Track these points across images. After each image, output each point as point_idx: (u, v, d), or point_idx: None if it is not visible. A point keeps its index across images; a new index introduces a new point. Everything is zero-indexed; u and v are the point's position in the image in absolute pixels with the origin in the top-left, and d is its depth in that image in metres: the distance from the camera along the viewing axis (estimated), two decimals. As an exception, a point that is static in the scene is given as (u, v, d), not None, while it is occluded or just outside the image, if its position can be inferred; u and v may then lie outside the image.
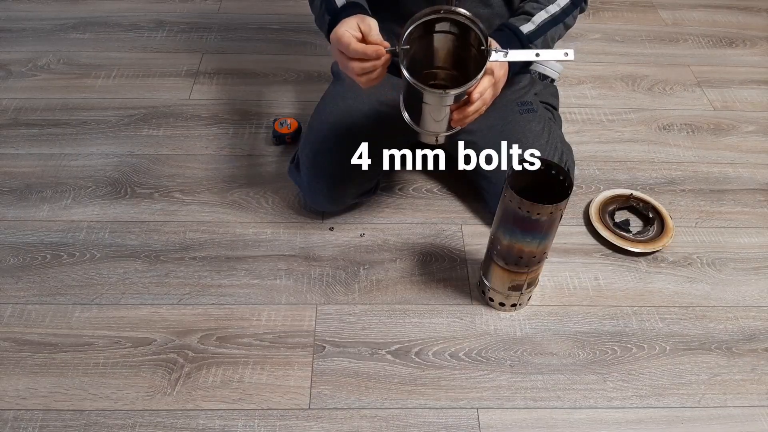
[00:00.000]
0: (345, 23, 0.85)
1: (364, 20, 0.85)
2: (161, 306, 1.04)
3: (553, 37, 1.04)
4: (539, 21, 1.02)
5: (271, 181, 1.26)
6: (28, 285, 1.06)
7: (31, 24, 1.68)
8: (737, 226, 1.23)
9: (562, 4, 1.04)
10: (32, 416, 0.90)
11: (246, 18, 1.75)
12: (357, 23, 0.84)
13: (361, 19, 0.85)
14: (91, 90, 1.48)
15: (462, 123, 0.87)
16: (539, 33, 1.01)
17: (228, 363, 0.97)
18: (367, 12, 0.92)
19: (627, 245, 1.15)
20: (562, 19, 1.04)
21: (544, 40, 1.03)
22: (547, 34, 1.02)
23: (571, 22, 1.06)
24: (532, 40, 1.01)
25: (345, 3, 0.93)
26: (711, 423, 0.93)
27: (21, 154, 1.31)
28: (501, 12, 1.05)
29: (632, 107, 1.51)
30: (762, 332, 1.05)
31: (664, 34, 1.78)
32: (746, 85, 1.59)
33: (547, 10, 1.03)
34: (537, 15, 1.02)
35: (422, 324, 1.04)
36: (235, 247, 1.14)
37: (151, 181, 1.26)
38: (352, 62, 0.83)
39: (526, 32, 1.00)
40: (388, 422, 0.91)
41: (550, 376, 0.98)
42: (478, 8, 1.03)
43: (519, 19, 1.02)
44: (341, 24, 0.85)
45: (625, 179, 1.32)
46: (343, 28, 0.83)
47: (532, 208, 0.85)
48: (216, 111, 1.43)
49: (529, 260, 0.94)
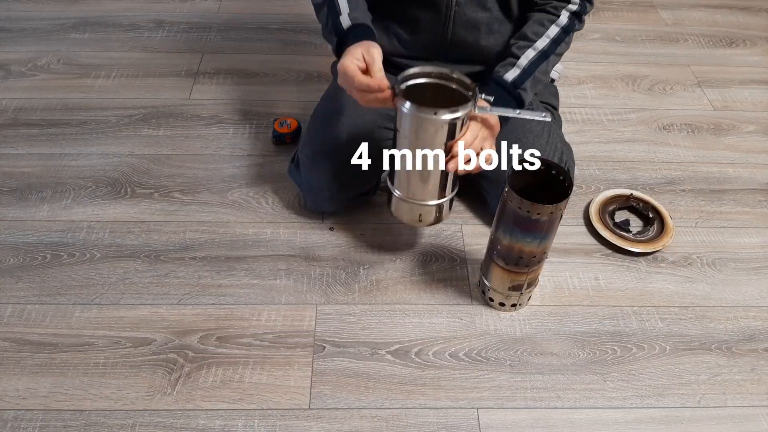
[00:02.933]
0: (350, 53, 0.89)
1: (369, 50, 0.89)
2: (161, 306, 1.04)
3: (545, 71, 1.04)
4: (525, 63, 1.02)
5: (271, 181, 1.26)
6: (28, 285, 1.06)
7: (31, 24, 1.68)
8: (737, 226, 1.23)
9: (552, 35, 1.03)
10: (32, 416, 0.90)
11: (246, 18, 1.75)
12: (362, 53, 0.89)
13: (366, 49, 0.89)
14: (91, 90, 1.48)
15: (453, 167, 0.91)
16: (526, 76, 1.02)
17: (228, 363, 0.97)
18: (371, 33, 0.96)
19: (627, 245, 1.15)
20: (553, 51, 1.03)
21: (533, 81, 1.03)
22: (535, 73, 1.02)
23: (564, 49, 1.06)
24: (518, 86, 1.01)
25: (350, 24, 0.96)
26: (711, 423, 0.93)
27: (21, 154, 1.31)
28: (499, 16, 1.05)
29: (632, 107, 1.51)
30: (762, 332, 1.05)
31: (664, 34, 1.78)
32: (746, 85, 1.60)
33: (535, 47, 1.02)
34: (523, 56, 1.02)
35: (422, 324, 1.04)
36: (235, 247, 1.14)
37: (151, 181, 1.26)
38: (357, 92, 0.88)
39: (511, 80, 1.01)
40: (388, 422, 0.91)
41: (550, 376, 0.98)
42: (477, 12, 1.03)
43: (505, 65, 1.03)
44: (346, 54, 0.90)
45: (625, 179, 1.32)
46: (348, 60, 0.88)
47: (532, 208, 0.86)
48: (216, 111, 1.43)
49: (529, 260, 0.94)
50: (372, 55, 0.89)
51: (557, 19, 1.04)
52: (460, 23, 1.04)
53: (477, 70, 1.11)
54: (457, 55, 1.08)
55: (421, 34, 1.06)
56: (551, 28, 1.03)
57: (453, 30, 1.04)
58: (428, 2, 1.01)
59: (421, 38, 1.07)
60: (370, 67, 0.88)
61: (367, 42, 0.91)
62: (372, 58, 0.89)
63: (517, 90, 1.01)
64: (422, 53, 1.09)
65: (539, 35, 1.03)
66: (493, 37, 1.07)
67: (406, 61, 1.11)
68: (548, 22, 1.04)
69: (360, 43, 0.91)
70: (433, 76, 0.92)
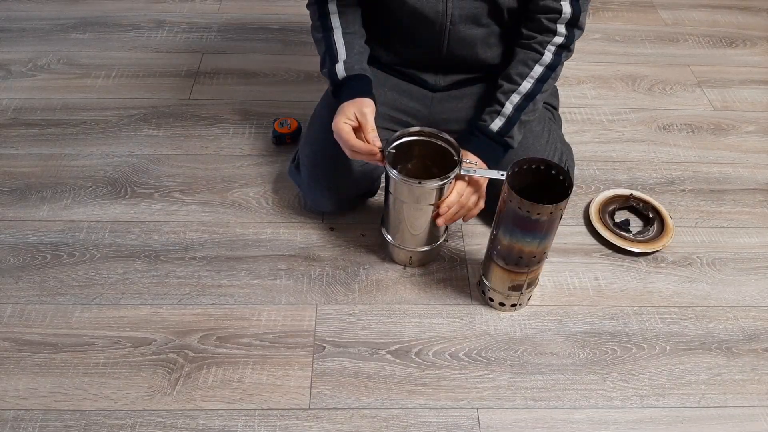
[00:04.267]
0: (343, 113, 0.94)
1: (361, 110, 0.94)
2: (161, 306, 1.04)
3: (533, 110, 1.03)
4: (510, 111, 1.01)
5: (271, 181, 1.26)
6: (28, 285, 1.06)
7: (31, 24, 1.68)
8: (737, 226, 1.23)
9: (537, 75, 1.01)
10: (32, 416, 0.90)
11: (246, 18, 1.75)
12: (354, 113, 0.94)
13: (359, 108, 0.94)
14: (91, 90, 1.48)
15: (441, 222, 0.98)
16: (511, 124, 1.02)
17: (228, 363, 0.97)
18: (366, 84, 0.99)
19: (627, 245, 1.15)
20: (539, 90, 1.02)
21: (520, 125, 1.02)
22: (522, 118, 1.02)
23: (551, 84, 1.04)
24: (504, 135, 1.02)
25: (345, 76, 0.99)
26: (711, 423, 0.93)
27: (21, 154, 1.31)
28: (496, 30, 1.04)
29: (632, 107, 1.51)
30: (762, 332, 1.05)
31: (664, 34, 1.78)
32: (746, 85, 1.60)
33: (520, 92, 1.01)
34: (507, 102, 1.01)
35: (422, 324, 1.04)
36: (235, 247, 1.14)
37: (151, 181, 1.26)
38: (349, 152, 0.94)
39: (497, 130, 1.02)
40: (388, 422, 0.91)
41: (550, 376, 0.98)
42: (472, 29, 1.02)
43: (490, 114, 1.02)
44: (339, 113, 0.95)
45: (625, 179, 1.32)
46: (341, 120, 0.94)
47: (532, 208, 0.85)
48: (216, 111, 1.43)
49: (529, 260, 0.94)
50: (365, 116, 0.94)
51: (541, 57, 1.01)
52: (455, 40, 1.03)
53: (477, 76, 1.11)
54: (455, 67, 1.09)
55: (418, 49, 1.06)
56: (535, 68, 1.01)
57: (449, 46, 1.04)
58: (423, 20, 1.01)
59: (418, 52, 1.07)
60: (363, 128, 0.94)
61: (360, 100, 0.96)
62: (365, 119, 0.94)
63: (503, 138, 1.02)
64: (420, 66, 1.10)
65: (524, 77, 1.01)
66: (491, 51, 1.06)
67: (406, 70, 1.11)
68: (532, 62, 1.01)
69: (353, 101, 0.96)
70: (423, 134, 0.99)
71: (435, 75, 1.10)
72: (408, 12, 1.00)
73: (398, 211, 1.01)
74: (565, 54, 1.03)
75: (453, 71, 1.10)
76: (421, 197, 0.96)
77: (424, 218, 1.00)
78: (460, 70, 1.09)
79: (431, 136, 0.99)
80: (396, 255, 1.11)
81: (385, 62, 1.11)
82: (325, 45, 1.02)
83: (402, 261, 1.11)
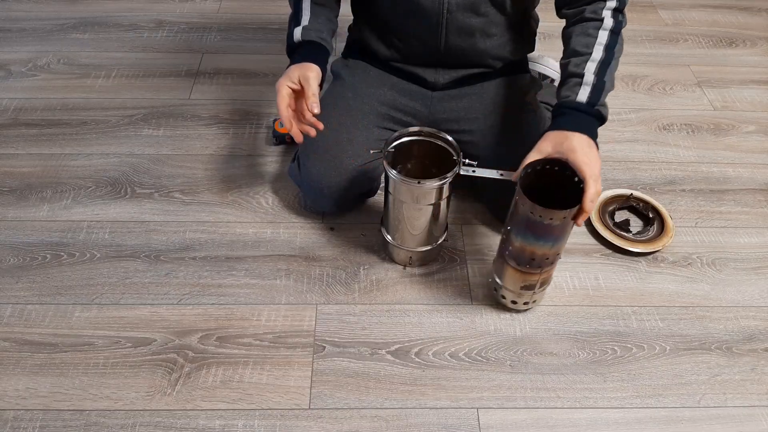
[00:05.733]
0: (287, 74, 0.94)
1: (305, 73, 0.93)
2: (161, 306, 1.04)
3: (612, 79, 0.94)
4: (592, 78, 0.91)
5: (271, 181, 1.26)
6: (28, 285, 1.06)
7: (31, 24, 1.68)
8: (737, 226, 1.23)
9: (604, 42, 0.93)
10: (32, 416, 0.90)
11: (246, 18, 1.75)
12: (298, 75, 0.93)
13: (303, 72, 0.93)
14: (91, 90, 1.48)
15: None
16: (598, 90, 0.91)
17: (228, 363, 0.97)
18: (319, 53, 0.99)
19: (627, 245, 1.15)
20: (612, 57, 0.93)
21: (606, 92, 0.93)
22: (605, 83, 0.92)
23: (620, 52, 0.96)
24: (594, 104, 0.91)
25: (300, 40, 1.00)
26: (711, 423, 0.93)
27: (21, 154, 1.31)
28: (496, 20, 1.03)
29: (632, 107, 1.51)
30: (762, 332, 1.05)
31: (664, 34, 1.78)
32: (746, 85, 1.59)
33: (593, 59, 0.93)
34: (586, 71, 0.92)
35: (422, 324, 1.04)
36: (235, 247, 1.14)
37: (151, 181, 1.26)
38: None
39: (585, 100, 0.91)
40: (388, 422, 0.91)
41: (550, 376, 0.98)
42: (470, 18, 1.01)
43: (570, 88, 0.93)
44: (284, 74, 0.94)
45: (625, 179, 1.32)
46: (284, 81, 0.93)
47: (545, 213, 0.84)
48: (216, 111, 1.43)
49: (541, 261, 0.93)
50: (307, 80, 0.93)
51: (602, 23, 0.94)
52: (453, 30, 1.02)
53: (478, 72, 1.11)
54: (454, 60, 1.08)
55: (416, 42, 1.06)
56: (600, 34, 0.94)
57: (447, 37, 1.03)
58: (419, 11, 1.00)
59: (416, 46, 1.07)
60: (305, 93, 0.93)
61: (307, 65, 0.95)
62: (307, 84, 0.92)
63: (595, 108, 0.92)
64: (419, 60, 1.09)
65: (590, 46, 0.94)
66: (491, 40, 1.06)
67: (404, 67, 1.11)
68: (594, 30, 0.94)
69: (300, 65, 0.95)
70: (422, 134, 0.99)
71: (434, 71, 1.10)
72: (404, 1, 1.00)
73: (398, 211, 1.01)
74: (622, 19, 0.96)
75: (452, 66, 1.09)
76: (420, 197, 0.96)
77: (423, 218, 1.00)
78: (459, 64, 1.09)
79: (431, 136, 0.99)
80: (396, 255, 1.11)
81: (384, 59, 1.11)
82: (293, 9, 1.05)
83: (402, 261, 1.11)
